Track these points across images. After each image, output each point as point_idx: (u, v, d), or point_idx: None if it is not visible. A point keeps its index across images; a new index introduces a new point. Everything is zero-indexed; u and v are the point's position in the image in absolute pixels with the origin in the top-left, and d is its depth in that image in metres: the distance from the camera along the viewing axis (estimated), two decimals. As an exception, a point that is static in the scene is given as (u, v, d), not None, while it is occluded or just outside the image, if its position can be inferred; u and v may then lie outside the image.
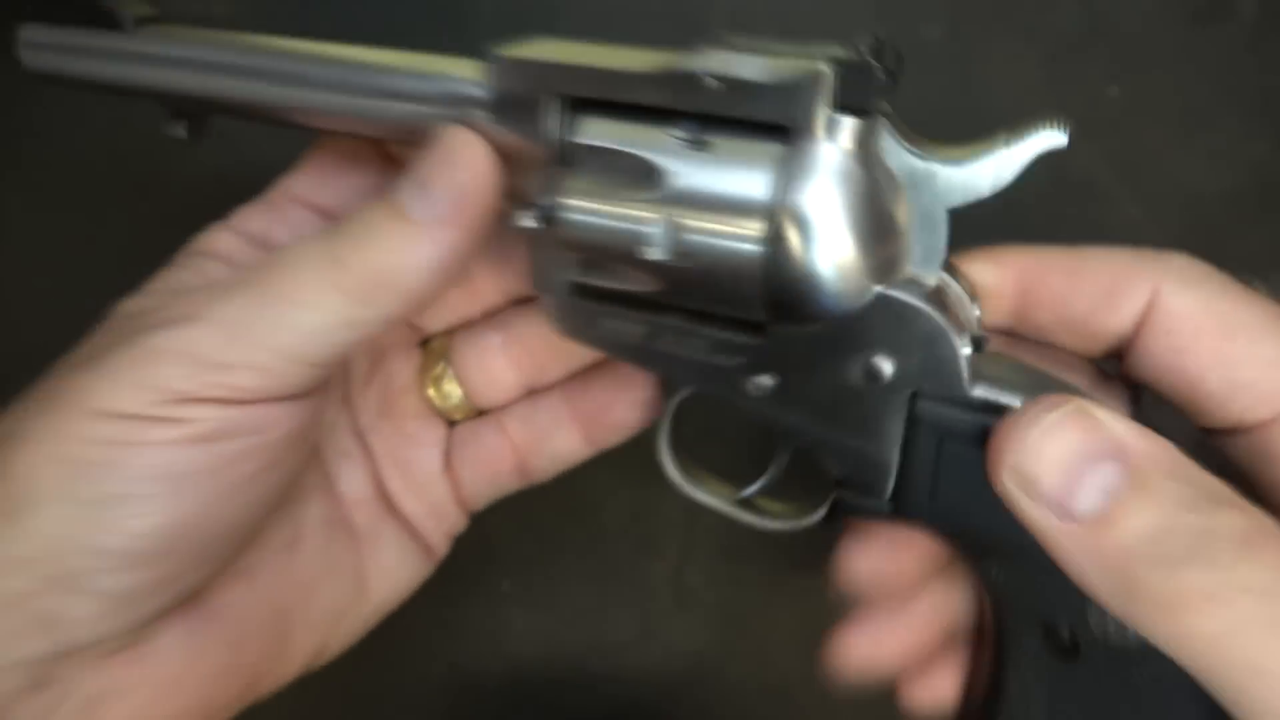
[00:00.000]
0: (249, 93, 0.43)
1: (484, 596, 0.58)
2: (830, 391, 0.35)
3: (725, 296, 0.34)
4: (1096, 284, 0.36)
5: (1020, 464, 0.30)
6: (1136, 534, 0.29)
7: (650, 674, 0.58)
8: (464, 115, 0.37)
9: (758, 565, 0.58)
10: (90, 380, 0.34)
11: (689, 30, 0.59)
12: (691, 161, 0.33)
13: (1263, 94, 0.60)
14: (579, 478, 0.59)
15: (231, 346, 0.35)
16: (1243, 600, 0.28)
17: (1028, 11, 0.60)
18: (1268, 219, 0.59)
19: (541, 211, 0.35)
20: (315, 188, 0.44)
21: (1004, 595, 0.35)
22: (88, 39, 0.44)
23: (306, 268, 0.35)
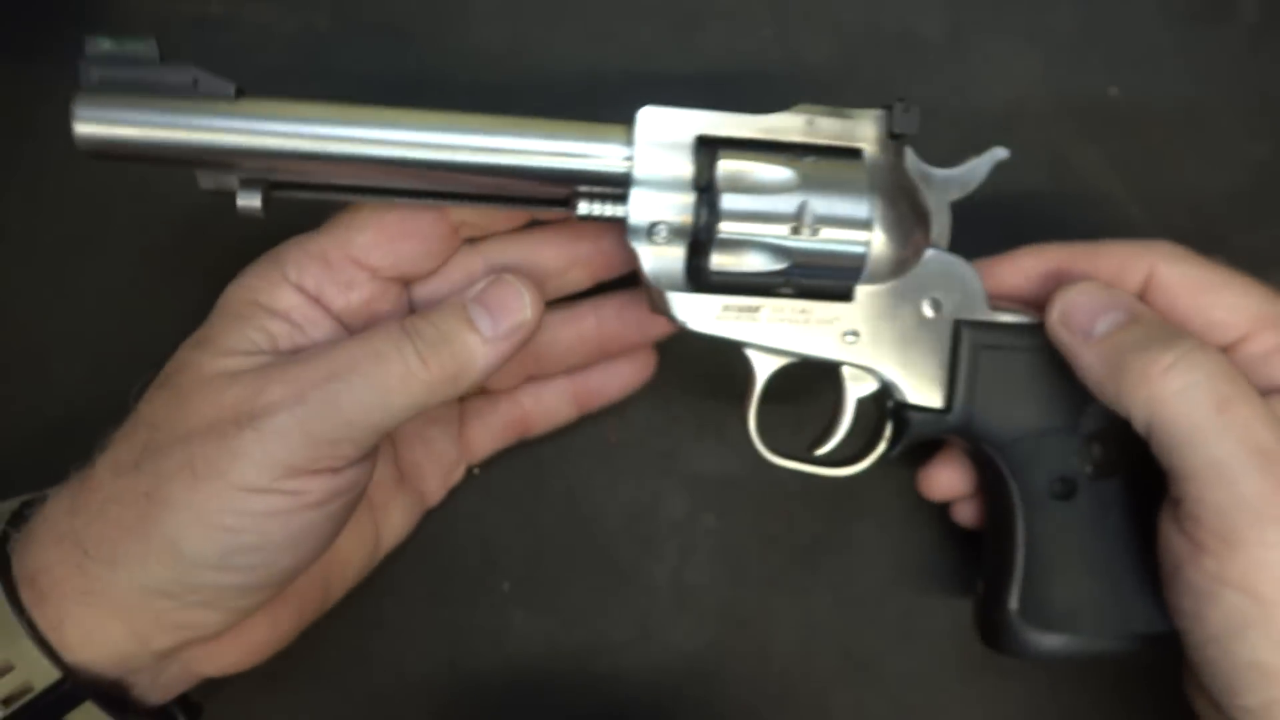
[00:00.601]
0: (370, 161, 0.45)
1: (484, 597, 0.58)
2: (900, 331, 0.48)
3: (834, 275, 0.47)
4: (1110, 265, 0.49)
5: (1065, 304, 0.47)
6: (1128, 337, 0.45)
7: (650, 674, 0.58)
8: (620, 157, 0.45)
9: (758, 565, 0.59)
10: (226, 459, 0.42)
11: (689, 30, 0.60)
12: (810, 175, 0.46)
13: (1263, 94, 0.60)
14: (579, 478, 0.59)
15: (339, 426, 0.43)
16: (1193, 373, 0.43)
17: (1027, 11, 0.60)
18: (1268, 219, 0.60)
19: (698, 221, 0.46)
20: (373, 250, 0.48)
21: (1018, 461, 0.49)
22: (177, 110, 0.43)
23: (399, 363, 0.44)
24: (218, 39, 0.59)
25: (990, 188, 0.56)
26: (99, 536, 0.43)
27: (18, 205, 0.59)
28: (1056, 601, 0.48)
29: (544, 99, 0.59)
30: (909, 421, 0.49)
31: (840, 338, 0.48)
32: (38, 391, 0.59)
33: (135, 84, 0.43)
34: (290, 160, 0.44)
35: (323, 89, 0.58)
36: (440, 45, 0.59)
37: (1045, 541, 0.49)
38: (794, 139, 0.47)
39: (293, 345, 0.47)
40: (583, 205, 0.46)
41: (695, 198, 0.46)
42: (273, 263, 0.48)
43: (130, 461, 0.44)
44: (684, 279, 0.47)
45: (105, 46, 0.43)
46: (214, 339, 0.46)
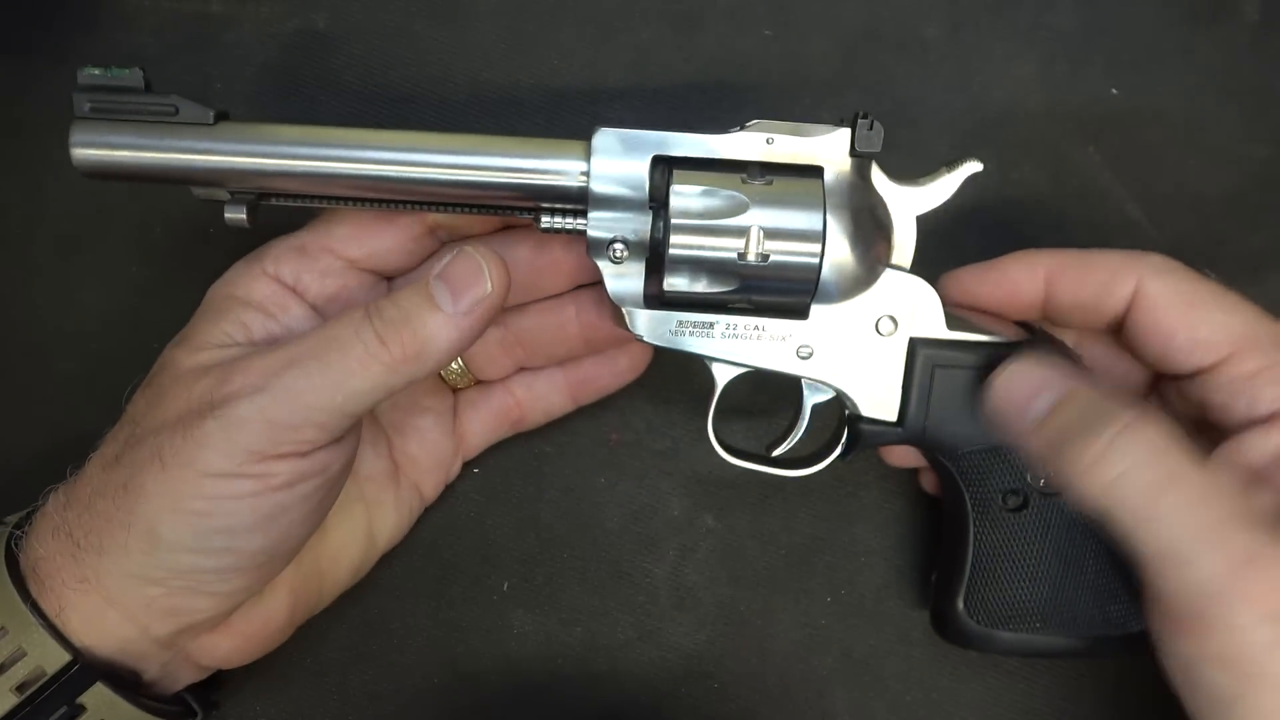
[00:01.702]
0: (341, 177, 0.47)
1: (484, 597, 0.58)
2: (855, 348, 0.49)
3: (786, 294, 0.47)
4: (1099, 276, 0.49)
5: (995, 399, 0.47)
6: (1061, 421, 0.44)
7: (649, 673, 0.58)
8: (567, 180, 0.47)
9: (756, 565, 0.59)
10: (191, 448, 0.44)
11: (688, 30, 0.60)
12: (764, 196, 0.46)
13: (1263, 95, 0.60)
14: (579, 478, 0.59)
15: (298, 411, 0.44)
16: (1121, 461, 0.42)
17: (1028, 11, 0.60)
18: (1268, 219, 0.59)
19: (653, 239, 0.47)
20: (349, 242, 0.50)
21: (972, 476, 0.50)
22: (160, 135, 0.46)
23: (357, 345, 0.44)
24: (218, 38, 0.59)
25: (991, 189, 0.56)
26: (87, 527, 0.45)
27: (17, 205, 0.59)
28: (1001, 603, 0.50)
29: (543, 99, 0.59)
30: (861, 433, 0.50)
31: (794, 353, 0.49)
32: (38, 391, 0.59)
33: (123, 111, 0.46)
34: (266, 179, 0.47)
35: (323, 89, 0.59)
36: (439, 44, 0.59)
37: (995, 549, 0.50)
38: (752, 158, 0.47)
39: (267, 334, 0.48)
40: (545, 219, 0.47)
41: (651, 216, 0.47)
42: (251, 258, 0.50)
43: (113, 456, 0.46)
44: (642, 295, 0.48)
45: (94, 76, 0.45)
46: (191, 335, 0.48)
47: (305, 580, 0.52)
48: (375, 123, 0.59)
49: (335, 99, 0.59)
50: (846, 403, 0.50)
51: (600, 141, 0.46)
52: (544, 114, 0.59)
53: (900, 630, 0.58)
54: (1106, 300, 0.49)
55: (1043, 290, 0.50)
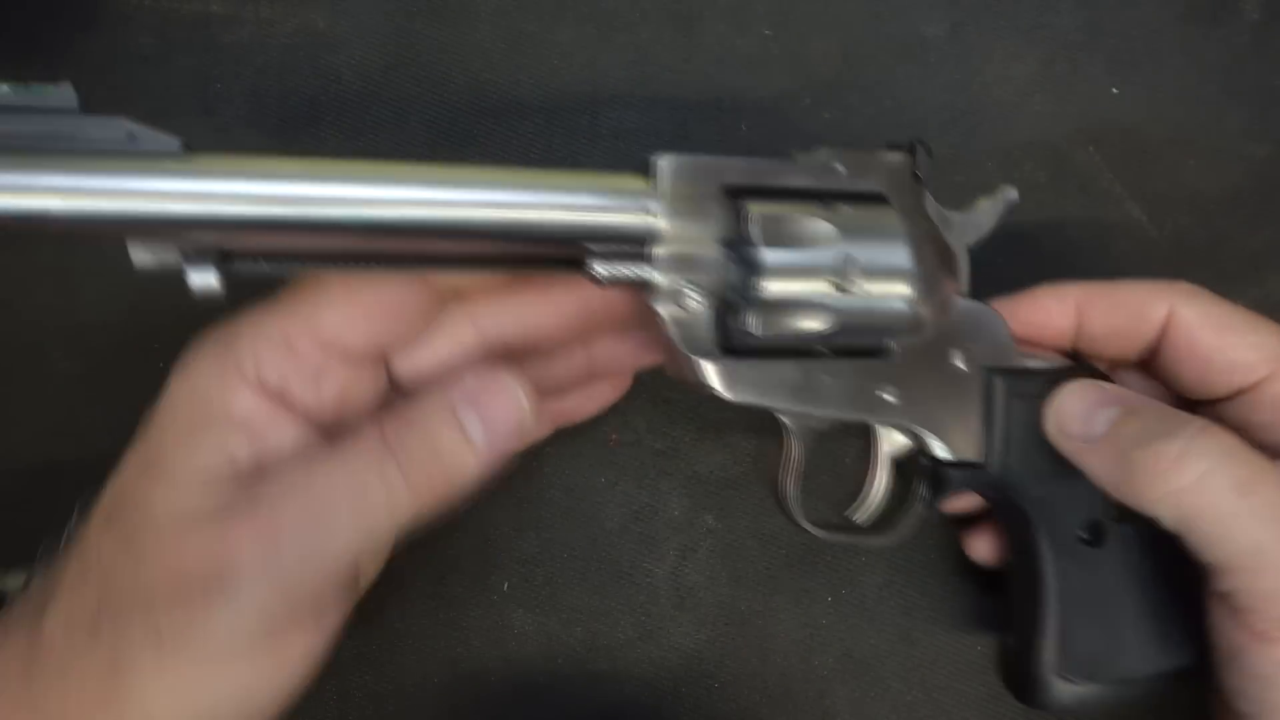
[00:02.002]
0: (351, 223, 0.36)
1: (484, 596, 0.58)
2: (935, 385, 0.46)
3: (875, 332, 0.44)
4: (1130, 303, 0.49)
5: (1057, 414, 0.46)
6: (1129, 432, 0.43)
7: (650, 673, 0.58)
8: (642, 210, 0.40)
9: (757, 565, 0.59)
10: (196, 629, 0.37)
11: (689, 29, 0.60)
12: (846, 224, 0.42)
13: (1265, 94, 0.60)
14: (580, 478, 0.59)
15: (317, 572, 0.39)
16: (1203, 460, 0.41)
17: (1029, 11, 0.60)
18: (1268, 219, 0.59)
19: (729, 280, 0.41)
20: (345, 329, 0.42)
21: (1049, 509, 0.48)
22: (106, 171, 0.34)
23: (380, 490, 0.39)
24: (218, 38, 0.59)
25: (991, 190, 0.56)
26: (61, 708, 0.38)
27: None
28: (1090, 651, 0.47)
29: (543, 99, 0.59)
30: (947, 479, 0.47)
31: (876, 397, 0.45)
32: (38, 391, 0.59)
33: (49, 138, 0.34)
34: (254, 231, 0.36)
35: (322, 89, 0.59)
36: (439, 44, 0.59)
37: (1077, 591, 0.47)
38: (820, 185, 0.43)
39: (254, 462, 0.40)
40: (599, 267, 0.40)
41: (724, 254, 0.41)
42: (226, 354, 0.41)
43: (84, 621, 0.39)
44: (715, 343, 0.42)
45: (3, 93, 0.34)
46: (164, 464, 0.40)
47: None
48: (375, 124, 0.59)
49: (336, 100, 0.59)
50: (928, 448, 0.47)
51: (666, 170, 0.40)
52: (544, 113, 0.59)
53: (901, 630, 0.58)
54: (1139, 327, 0.49)
55: (1074, 320, 0.50)
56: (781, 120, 0.59)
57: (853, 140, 0.59)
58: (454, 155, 0.58)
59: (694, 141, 0.58)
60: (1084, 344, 0.51)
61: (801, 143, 0.58)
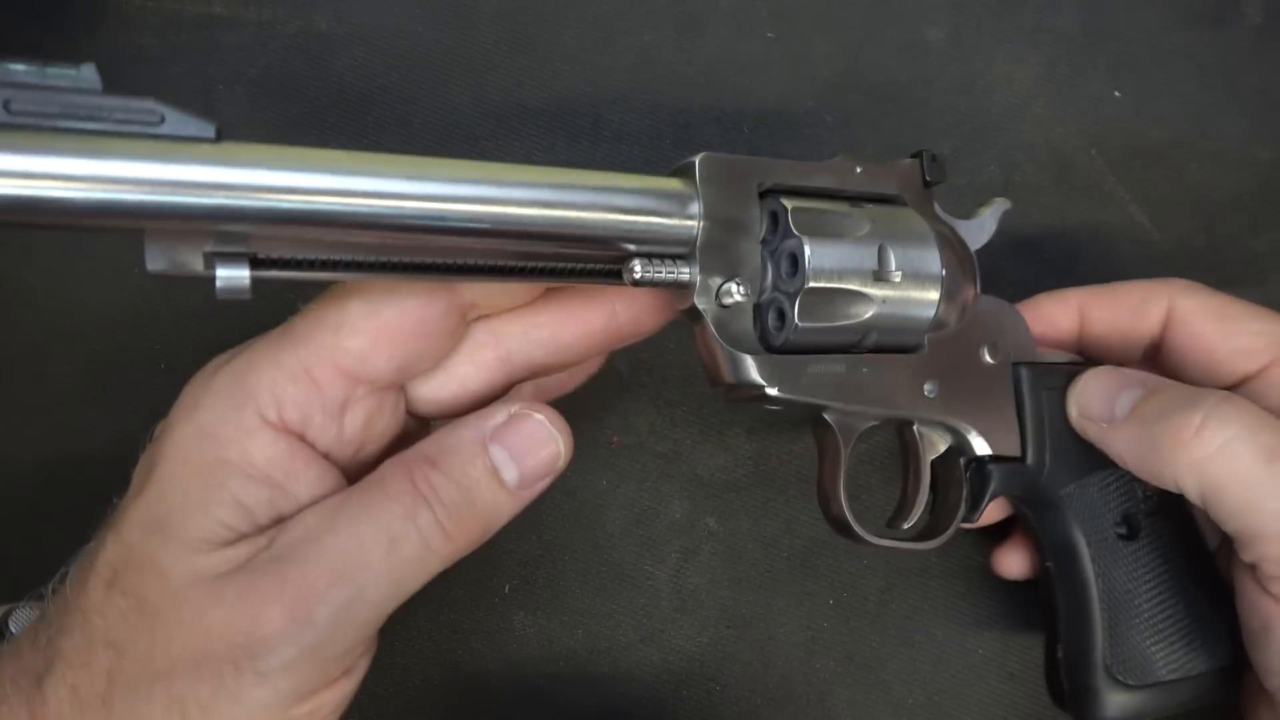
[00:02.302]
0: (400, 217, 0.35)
1: (486, 599, 0.58)
2: (970, 380, 0.46)
3: (910, 325, 0.44)
4: (1130, 301, 0.50)
5: (1079, 398, 0.46)
6: (1150, 409, 0.43)
7: (651, 675, 0.58)
8: (684, 212, 0.40)
9: (759, 568, 0.58)
10: (225, 705, 0.35)
11: (691, 32, 0.60)
12: (878, 221, 0.43)
13: (1267, 98, 0.60)
14: (581, 480, 0.59)
15: (349, 636, 0.36)
16: (1226, 428, 0.41)
17: (1031, 14, 0.60)
18: (1271, 222, 0.59)
19: (768, 277, 0.42)
20: (370, 358, 0.39)
21: (1084, 505, 0.47)
22: (132, 154, 0.31)
23: (413, 540, 0.37)
24: (220, 39, 0.59)
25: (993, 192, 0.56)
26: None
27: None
28: (1139, 651, 0.47)
29: (545, 101, 0.59)
30: (990, 476, 0.47)
31: (919, 393, 0.45)
32: (38, 392, 0.59)
33: (71, 115, 0.30)
34: (290, 225, 0.33)
35: (324, 90, 0.59)
36: (442, 46, 0.59)
37: (1121, 588, 0.47)
38: (847, 187, 0.45)
39: (274, 514, 0.38)
40: (639, 268, 0.39)
41: (762, 252, 0.42)
42: (242, 394, 0.38)
43: (95, 696, 0.36)
44: (757, 341, 0.42)
45: (19, 72, 0.30)
46: (174, 524, 0.36)
47: None
48: (377, 124, 0.59)
49: (337, 100, 0.59)
50: (968, 445, 0.47)
51: (707, 170, 0.40)
52: (546, 114, 0.59)
53: (902, 632, 0.58)
54: (1141, 324, 0.49)
55: (1078, 323, 0.51)
56: (784, 123, 0.59)
57: (853, 142, 0.59)
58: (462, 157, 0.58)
59: (696, 144, 0.58)
60: (1088, 346, 0.51)
61: (803, 144, 0.58)
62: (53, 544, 0.50)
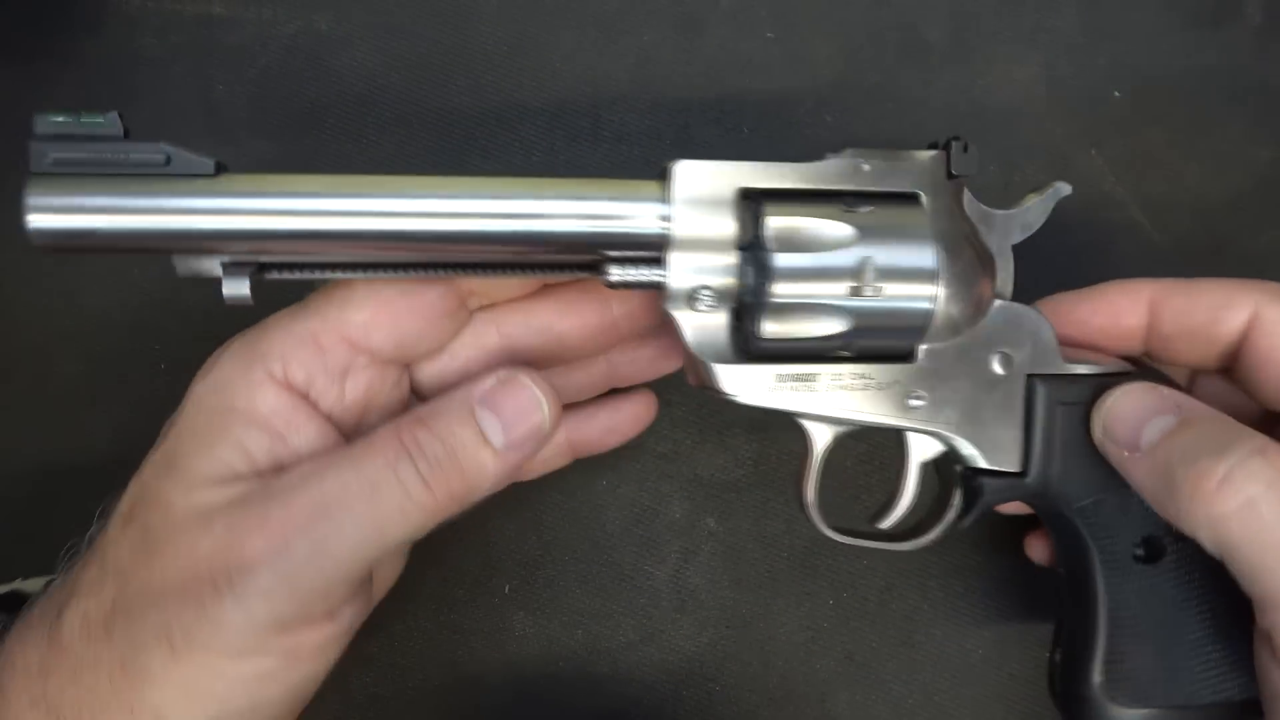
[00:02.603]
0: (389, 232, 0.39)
1: (486, 599, 0.58)
2: (969, 391, 0.44)
3: (897, 335, 0.43)
4: (1207, 302, 0.45)
5: (1106, 418, 0.43)
6: (1177, 446, 0.40)
7: (651, 676, 0.58)
8: (656, 217, 0.41)
9: (758, 568, 0.58)
10: (206, 629, 0.37)
11: (691, 32, 0.60)
12: (869, 226, 0.41)
13: (1267, 98, 0.60)
14: (581, 481, 0.59)
15: (327, 572, 0.38)
16: (1251, 485, 0.37)
17: (1030, 14, 0.60)
18: (1271, 222, 0.59)
19: (743, 284, 0.41)
20: (372, 330, 0.42)
21: (1100, 524, 0.45)
22: (148, 191, 0.37)
23: (396, 490, 0.38)
24: (220, 40, 0.59)
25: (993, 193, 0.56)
26: (76, 703, 0.39)
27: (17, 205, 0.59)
28: (1142, 673, 0.44)
29: (545, 101, 0.59)
30: (981, 488, 0.45)
31: (904, 402, 0.44)
32: (38, 393, 0.59)
33: (98, 164, 0.37)
34: (282, 241, 0.39)
35: (324, 91, 0.59)
36: (441, 47, 0.59)
37: (1130, 610, 0.45)
38: (846, 186, 0.42)
39: (273, 461, 0.41)
40: (614, 271, 0.41)
41: (739, 258, 0.42)
42: (252, 354, 0.42)
43: (100, 621, 0.39)
44: (730, 348, 0.42)
45: (59, 124, 0.37)
46: (182, 462, 0.40)
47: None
48: (377, 124, 0.59)
49: (337, 100, 0.59)
50: (961, 456, 0.45)
51: (681, 175, 0.41)
52: (546, 115, 0.59)
53: (903, 633, 0.58)
54: (1216, 329, 0.45)
55: (1145, 319, 0.46)
56: (784, 123, 0.59)
57: (853, 142, 0.59)
58: (456, 157, 0.58)
59: (696, 144, 0.58)
60: (1156, 346, 0.47)
61: (803, 144, 0.58)
62: (53, 543, 0.50)
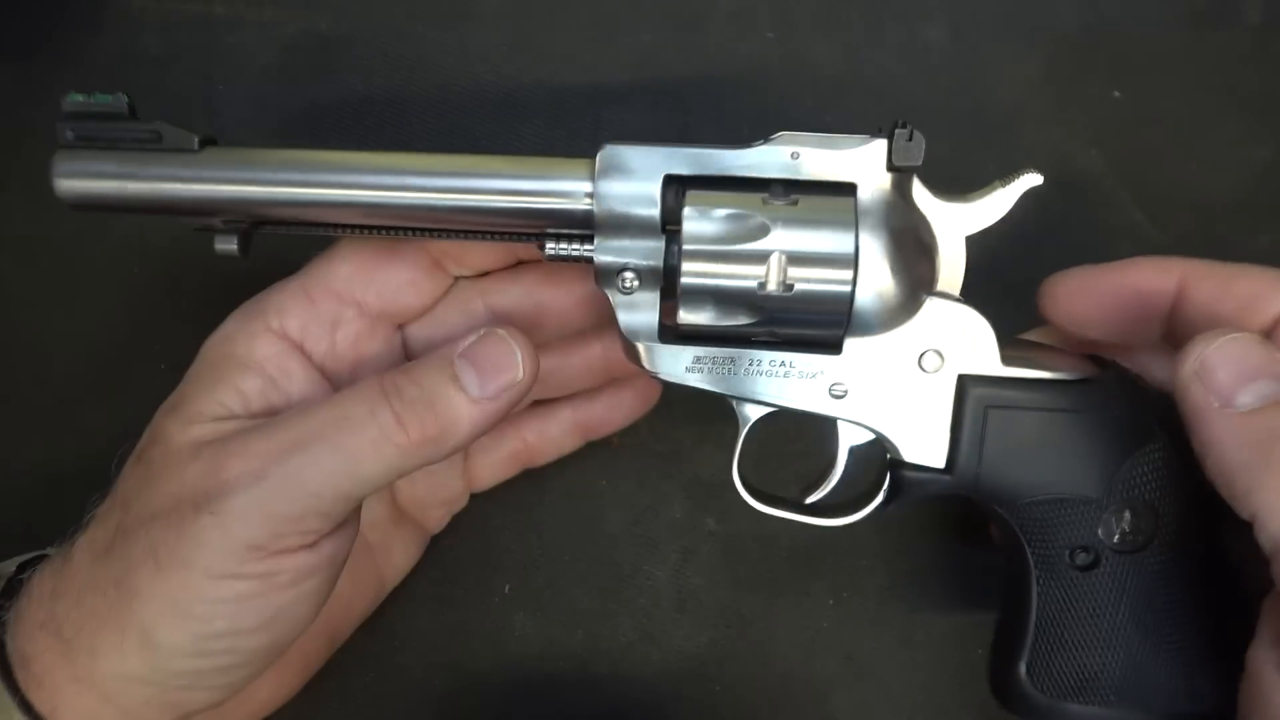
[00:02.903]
0: (334, 202, 0.44)
1: (486, 599, 0.58)
2: (895, 386, 0.44)
3: (815, 326, 0.43)
4: (1244, 292, 0.42)
5: (1206, 356, 0.38)
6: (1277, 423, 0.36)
7: (651, 676, 0.58)
8: (583, 196, 0.43)
9: (758, 568, 0.58)
10: (187, 547, 0.40)
11: (690, 31, 0.60)
12: (788, 217, 0.42)
13: (1266, 98, 0.60)
14: (581, 481, 0.59)
15: (300, 500, 0.41)
16: None
17: (1030, 14, 0.60)
18: (1271, 222, 0.59)
19: (667, 267, 0.43)
20: (355, 282, 0.47)
21: (1035, 529, 0.45)
22: (144, 163, 0.43)
23: (371, 426, 0.41)
24: (221, 39, 0.59)
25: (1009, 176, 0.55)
26: (77, 624, 0.42)
27: (19, 207, 0.59)
28: (1069, 671, 0.45)
29: (545, 100, 0.59)
30: (904, 480, 0.46)
31: (827, 392, 0.44)
32: (37, 395, 0.59)
33: (106, 139, 0.43)
34: (255, 207, 0.44)
35: (325, 90, 0.59)
36: (441, 45, 0.59)
37: (1061, 611, 0.45)
38: (775, 175, 0.43)
39: (266, 404, 0.44)
40: (550, 245, 0.44)
41: (665, 241, 0.43)
42: (253, 310, 0.46)
43: (104, 545, 0.43)
44: (657, 328, 0.44)
45: (78, 103, 0.43)
46: (183, 403, 0.44)
47: (317, 642, 0.50)
48: (377, 124, 0.59)
49: (337, 100, 0.59)
50: (888, 447, 0.46)
51: (606, 159, 0.43)
52: (545, 115, 0.59)
53: (902, 633, 0.58)
54: (1250, 318, 0.42)
55: (1172, 297, 0.44)
56: (784, 122, 0.59)
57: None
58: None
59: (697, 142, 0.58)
60: (1179, 327, 0.45)
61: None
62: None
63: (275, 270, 0.51)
